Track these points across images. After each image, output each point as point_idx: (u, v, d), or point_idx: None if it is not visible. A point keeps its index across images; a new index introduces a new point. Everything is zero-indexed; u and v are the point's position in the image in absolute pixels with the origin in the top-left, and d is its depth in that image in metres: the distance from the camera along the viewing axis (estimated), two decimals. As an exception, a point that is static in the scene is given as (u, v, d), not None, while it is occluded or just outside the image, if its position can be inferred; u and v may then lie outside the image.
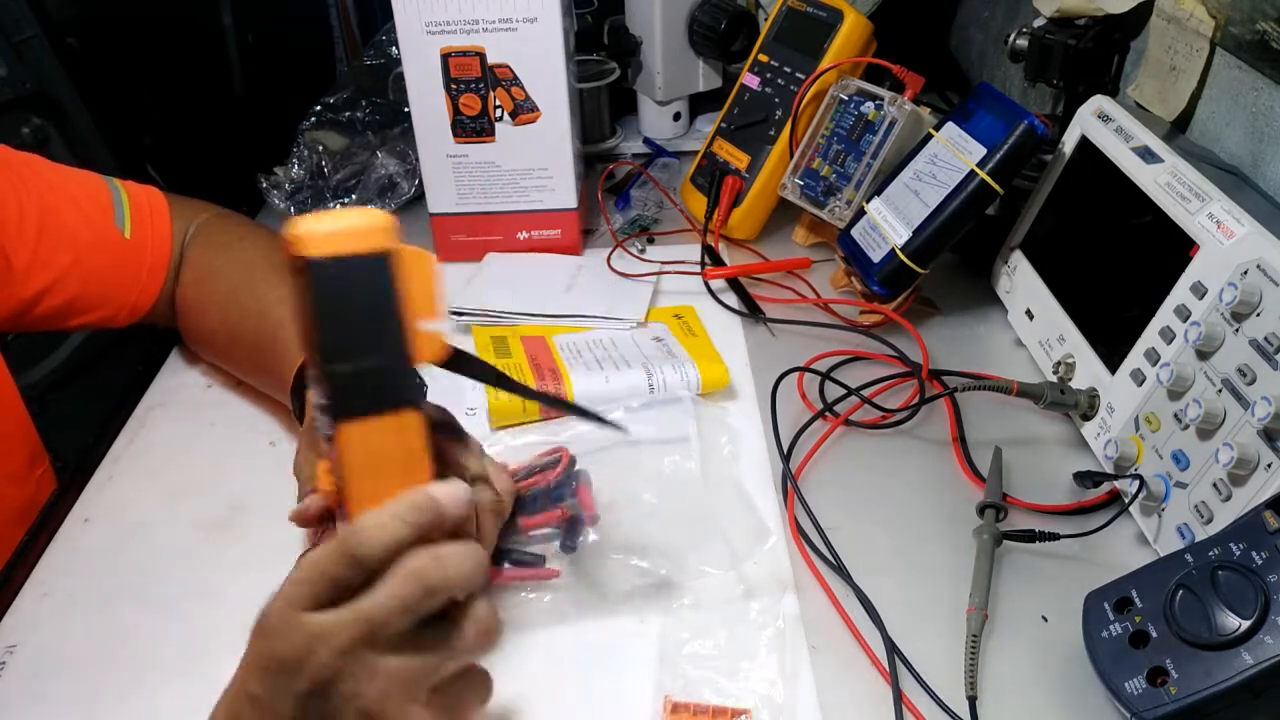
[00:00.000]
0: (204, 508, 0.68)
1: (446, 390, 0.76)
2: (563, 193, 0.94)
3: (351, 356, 0.41)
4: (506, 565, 0.61)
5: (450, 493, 0.45)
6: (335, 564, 0.42)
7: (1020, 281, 0.82)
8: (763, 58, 0.98)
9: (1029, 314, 0.80)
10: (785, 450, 0.71)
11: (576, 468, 0.67)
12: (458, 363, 0.48)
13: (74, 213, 0.75)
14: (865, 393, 0.76)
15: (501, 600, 0.60)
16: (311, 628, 0.42)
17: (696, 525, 0.64)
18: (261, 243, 0.80)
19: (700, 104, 1.18)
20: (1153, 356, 0.64)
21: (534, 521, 0.63)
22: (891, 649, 0.57)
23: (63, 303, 0.74)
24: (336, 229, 0.40)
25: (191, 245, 0.80)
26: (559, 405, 0.71)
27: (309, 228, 0.40)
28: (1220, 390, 0.58)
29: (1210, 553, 0.50)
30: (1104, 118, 0.75)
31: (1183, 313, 0.62)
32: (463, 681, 0.47)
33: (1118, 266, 0.71)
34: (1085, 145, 0.76)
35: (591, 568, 0.62)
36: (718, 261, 0.94)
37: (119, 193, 0.79)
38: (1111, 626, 0.52)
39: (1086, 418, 0.70)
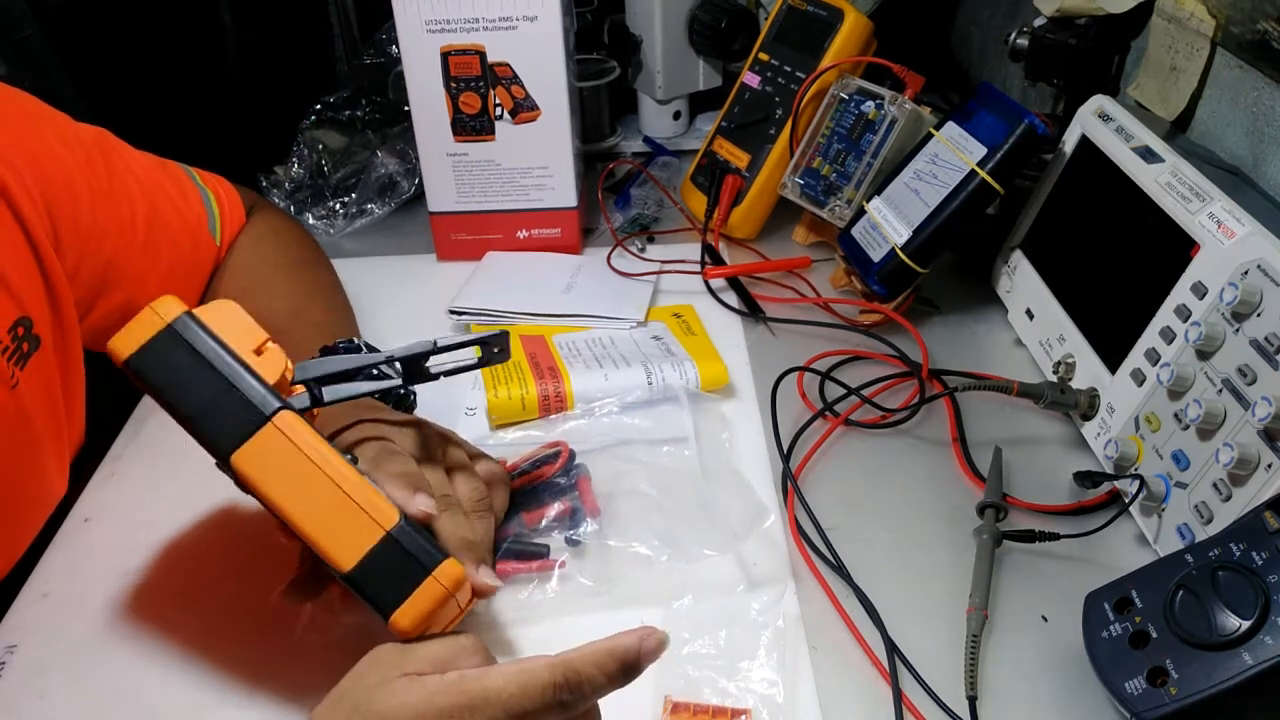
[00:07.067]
0: (204, 507, 0.68)
1: (445, 394, 0.77)
2: (562, 191, 0.94)
3: (201, 405, 0.47)
4: (511, 559, 0.61)
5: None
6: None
7: (1020, 281, 0.82)
8: (763, 56, 0.98)
9: (1029, 314, 0.80)
10: (785, 450, 0.71)
11: (576, 462, 0.67)
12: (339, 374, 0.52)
13: (174, 215, 0.70)
14: (865, 392, 0.76)
15: (507, 594, 0.60)
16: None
17: (695, 511, 0.64)
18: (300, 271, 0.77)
19: (700, 103, 1.18)
20: (1153, 356, 0.64)
21: (536, 515, 0.64)
22: (891, 649, 0.57)
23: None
24: (128, 327, 0.47)
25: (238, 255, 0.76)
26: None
27: (114, 338, 0.47)
28: (1220, 390, 0.58)
29: (1210, 553, 0.50)
30: (1104, 117, 0.75)
31: (1183, 313, 0.62)
32: None
33: (1118, 266, 0.71)
34: (1086, 145, 0.76)
35: (594, 558, 0.62)
36: (718, 260, 0.94)
37: (207, 194, 0.74)
38: (1111, 627, 0.52)
39: (1086, 418, 0.70)
